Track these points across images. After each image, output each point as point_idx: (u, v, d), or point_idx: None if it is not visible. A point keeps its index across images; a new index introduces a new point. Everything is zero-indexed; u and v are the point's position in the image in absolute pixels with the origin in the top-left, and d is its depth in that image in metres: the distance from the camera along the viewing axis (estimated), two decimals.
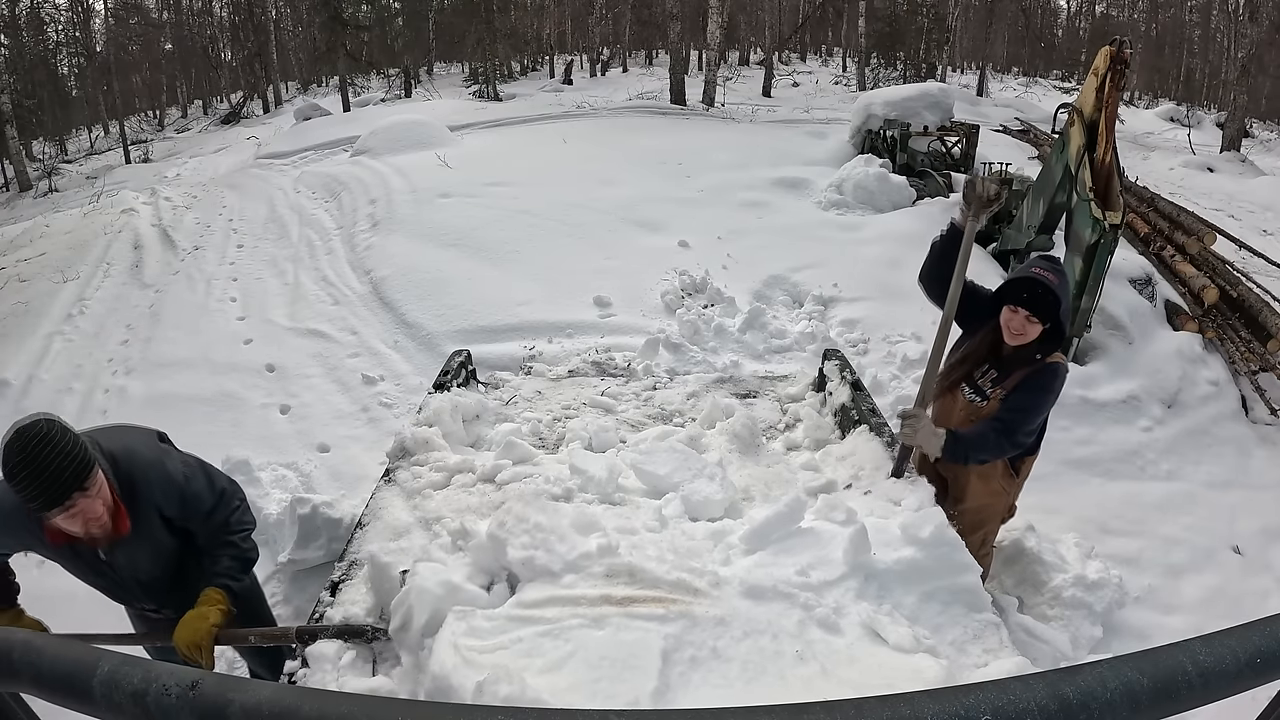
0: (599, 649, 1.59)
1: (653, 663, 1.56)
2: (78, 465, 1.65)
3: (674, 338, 4.65)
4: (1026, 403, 2.34)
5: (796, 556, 1.90)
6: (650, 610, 1.69)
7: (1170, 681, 0.67)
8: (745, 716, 0.67)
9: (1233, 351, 4.89)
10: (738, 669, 1.60)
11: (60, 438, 1.64)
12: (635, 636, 1.62)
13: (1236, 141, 13.11)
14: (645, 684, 1.52)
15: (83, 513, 1.69)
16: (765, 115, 13.44)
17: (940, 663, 1.63)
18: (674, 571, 1.79)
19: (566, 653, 1.60)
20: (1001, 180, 2.40)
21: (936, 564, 1.87)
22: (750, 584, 1.78)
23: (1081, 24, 33.65)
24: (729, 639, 1.65)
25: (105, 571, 1.94)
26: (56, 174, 15.40)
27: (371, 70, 22.08)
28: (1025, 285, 2.28)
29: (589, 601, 1.73)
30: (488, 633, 1.67)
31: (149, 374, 4.90)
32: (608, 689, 1.51)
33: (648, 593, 1.74)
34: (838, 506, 2.10)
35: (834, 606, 1.77)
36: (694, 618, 1.68)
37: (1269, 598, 3.39)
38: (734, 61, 26.01)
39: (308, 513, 3.16)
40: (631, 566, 1.79)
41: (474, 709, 0.70)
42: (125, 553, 1.90)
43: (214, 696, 0.68)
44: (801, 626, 1.71)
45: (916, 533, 1.91)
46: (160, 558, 1.98)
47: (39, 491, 1.61)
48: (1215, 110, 22.15)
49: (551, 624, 1.67)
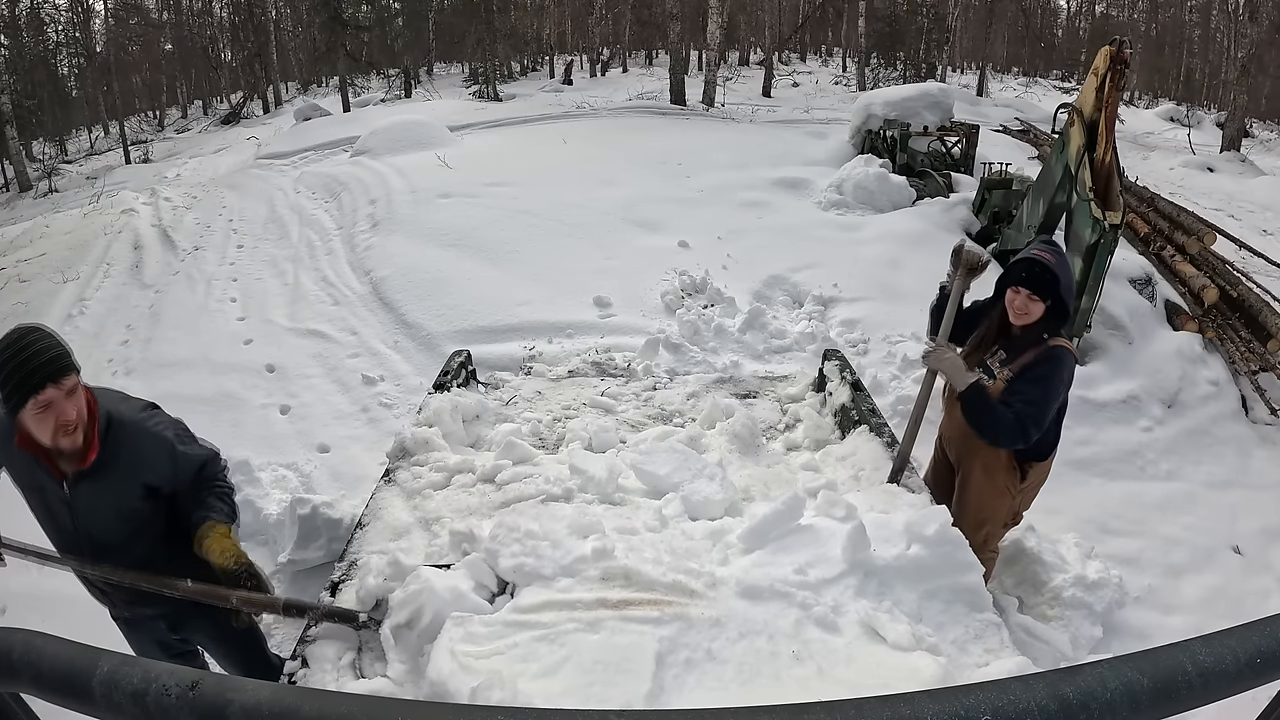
0: (593, 653, 1.60)
1: (646, 666, 1.57)
2: (56, 358, 1.70)
3: (674, 338, 4.65)
4: (1035, 394, 2.34)
5: (795, 554, 1.90)
6: (645, 613, 1.69)
7: (1170, 681, 0.67)
8: (746, 716, 0.67)
9: (1233, 351, 4.89)
10: (732, 670, 1.60)
11: (43, 336, 1.71)
12: (629, 639, 1.63)
13: (1236, 141, 13.11)
14: (638, 687, 1.53)
15: (54, 409, 1.70)
16: (765, 115, 13.44)
17: (938, 660, 1.62)
18: (670, 574, 1.79)
19: (561, 657, 1.61)
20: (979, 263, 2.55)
21: (939, 562, 1.87)
22: (747, 584, 1.78)
23: (1081, 24, 33.65)
24: (724, 640, 1.65)
25: (63, 513, 1.89)
26: (56, 174, 15.42)
27: (371, 70, 22.06)
28: (1024, 265, 2.35)
29: (585, 605, 1.73)
30: (484, 638, 1.68)
31: (149, 374, 4.90)
32: (601, 693, 1.52)
33: (643, 595, 1.74)
34: (837, 503, 2.09)
35: (832, 605, 1.76)
36: (689, 620, 1.68)
37: (1269, 598, 3.39)
38: (734, 61, 26.01)
39: (308, 513, 3.16)
40: (627, 569, 1.80)
41: (474, 709, 0.70)
42: (88, 494, 1.86)
43: (214, 696, 0.68)
44: (798, 626, 1.70)
45: (921, 530, 1.90)
46: (123, 515, 1.92)
47: (13, 373, 1.65)
48: (1215, 110, 22.15)
49: (547, 628, 1.67)
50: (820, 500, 2.13)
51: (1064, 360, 2.38)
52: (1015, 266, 2.38)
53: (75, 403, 1.74)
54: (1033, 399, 2.34)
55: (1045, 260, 2.32)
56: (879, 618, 1.73)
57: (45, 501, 1.91)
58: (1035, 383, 2.35)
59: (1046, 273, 2.32)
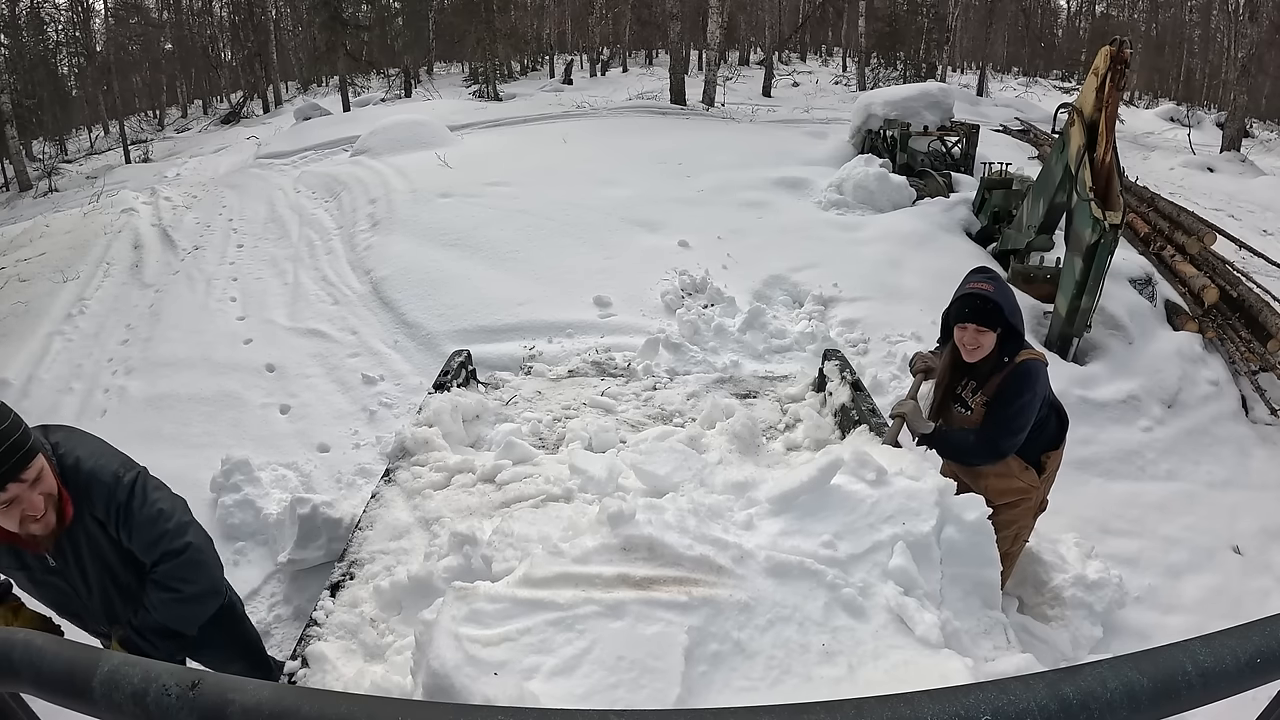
0: (616, 646, 1.47)
1: (675, 664, 1.45)
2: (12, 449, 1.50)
3: (674, 338, 4.64)
4: (1004, 413, 2.44)
5: (824, 522, 1.81)
6: (672, 596, 1.56)
7: (1170, 681, 0.67)
8: (746, 716, 0.67)
9: (1233, 351, 4.89)
10: (761, 667, 1.52)
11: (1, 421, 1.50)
12: (656, 630, 1.50)
13: (1236, 141, 13.11)
14: (668, 690, 1.42)
15: (20, 505, 1.54)
16: (765, 115, 13.44)
17: (966, 663, 1.56)
18: (696, 546, 1.66)
19: (581, 649, 1.47)
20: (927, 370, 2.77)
21: (969, 550, 1.84)
22: (776, 561, 1.68)
23: (1081, 24, 33.64)
24: (753, 629, 1.57)
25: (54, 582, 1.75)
26: (56, 174, 15.41)
27: (371, 70, 22.09)
28: (965, 302, 2.41)
29: (604, 582, 1.58)
30: (491, 619, 1.52)
31: (149, 374, 4.89)
32: (626, 697, 1.39)
33: (669, 572, 1.61)
34: (868, 463, 1.94)
35: (861, 586, 1.69)
36: (717, 604, 1.57)
37: (1269, 598, 3.39)
38: (734, 61, 26.02)
39: (308, 513, 3.16)
40: (651, 540, 1.66)
41: (474, 709, 0.70)
42: (73, 556, 1.72)
43: (214, 696, 0.68)
44: (828, 611, 1.64)
45: (960, 513, 1.84)
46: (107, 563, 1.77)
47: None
48: (1215, 110, 22.15)
49: (563, 610, 1.52)
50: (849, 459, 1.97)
51: (1032, 373, 2.44)
52: (957, 304, 2.45)
53: (42, 486, 1.58)
54: (1005, 417, 2.44)
55: (984, 292, 2.38)
56: (908, 606, 1.66)
57: (31, 579, 1.77)
58: (1010, 403, 2.44)
59: (988, 303, 2.37)
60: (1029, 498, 2.67)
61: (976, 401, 2.51)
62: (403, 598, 2.07)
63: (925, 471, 1.99)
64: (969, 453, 2.53)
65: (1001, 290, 2.42)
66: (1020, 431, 2.46)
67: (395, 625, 2.04)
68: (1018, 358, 2.44)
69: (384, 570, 2.24)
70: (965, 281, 2.49)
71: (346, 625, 2.04)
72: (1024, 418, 2.44)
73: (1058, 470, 2.73)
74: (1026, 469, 2.61)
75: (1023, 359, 2.44)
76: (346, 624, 2.05)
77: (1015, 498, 2.64)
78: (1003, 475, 2.59)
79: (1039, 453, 2.62)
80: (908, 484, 1.92)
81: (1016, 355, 2.44)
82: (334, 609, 2.10)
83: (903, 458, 2.12)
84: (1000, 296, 2.38)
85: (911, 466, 2.02)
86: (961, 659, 1.59)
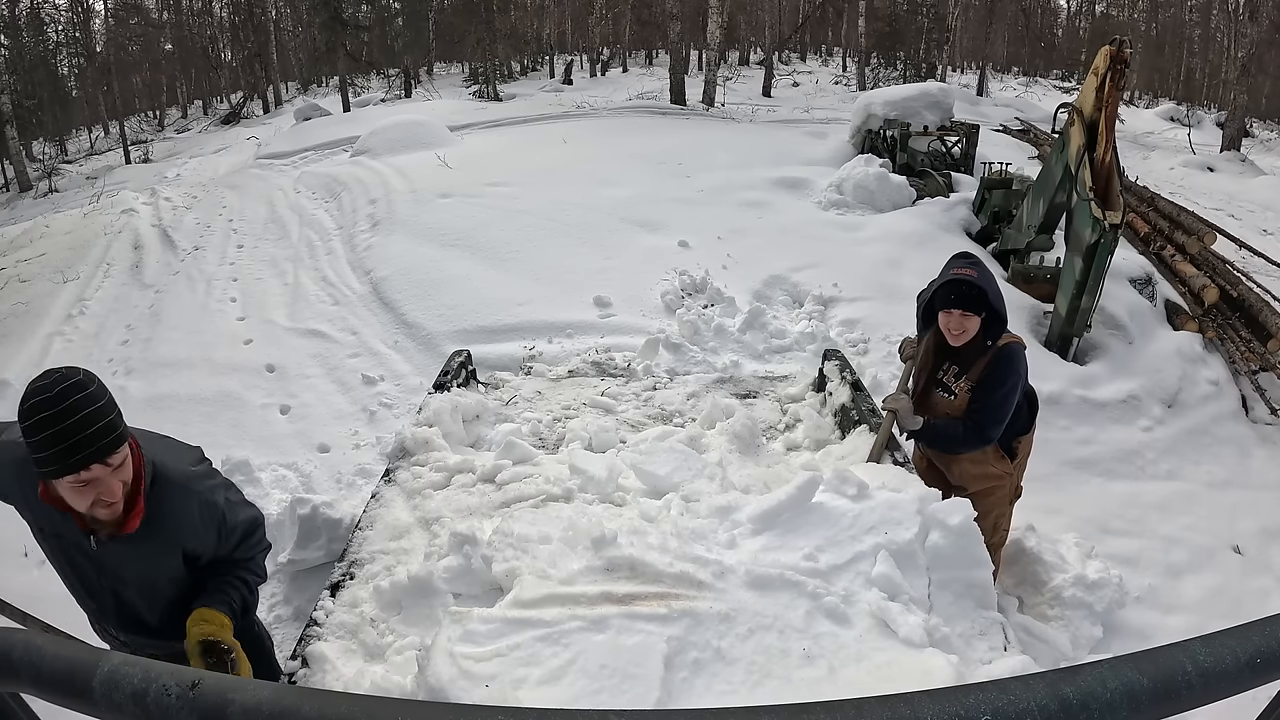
0: (599, 656, 1.56)
1: (655, 670, 1.53)
2: (105, 430, 1.41)
3: (674, 338, 4.64)
4: (990, 399, 2.46)
5: (806, 538, 1.85)
6: (652, 609, 1.64)
7: (1170, 681, 0.67)
8: (746, 716, 0.67)
9: (1233, 351, 4.89)
10: (742, 672, 1.57)
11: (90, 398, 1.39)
12: (637, 640, 1.58)
13: (1236, 141, 13.11)
14: (647, 694, 1.49)
15: (97, 488, 1.46)
16: (765, 115, 13.44)
17: (950, 660, 1.60)
18: (676, 563, 1.73)
19: (566, 660, 1.56)
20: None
21: (956, 554, 1.85)
22: (757, 574, 1.73)
23: (1081, 24, 33.64)
24: (733, 637, 1.62)
25: (85, 566, 1.68)
26: (56, 174, 15.42)
27: (371, 70, 22.09)
28: (950, 288, 2.43)
29: (589, 600, 1.68)
30: (484, 637, 1.62)
31: (149, 374, 4.89)
32: (608, 701, 1.48)
33: (649, 589, 1.69)
34: (848, 479, 2.01)
35: (843, 594, 1.72)
36: (697, 615, 1.64)
37: (1269, 598, 3.38)
38: (734, 61, 26.02)
39: (308, 513, 3.16)
40: (632, 560, 1.74)
41: (474, 709, 0.70)
42: (119, 555, 1.64)
43: (214, 696, 0.68)
44: (809, 619, 1.67)
45: (944, 518, 1.87)
46: (152, 576, 1.72)
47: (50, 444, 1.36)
48: (1215, 110, 22.15)
49: (549, 627, 1.62)
50: (830, 475, 2.03)
51: (1015, 356, 2.47)
52: (942, 290, 2.45)
53: (123, 475, 1.49)
54: (994, 402, 2.46)
55: (969, 277, 2.39)
56: (890, 610, 1.69)
57: (63, 549, 1.69)
58: (994, 388, 2.46)
59: (973, 289, 2.39)
60: (1003, 484, 2.70)
61: (960, 386, 2.52)
62: (403, 598, 2.07)
63: (908, 483, 2.04)
64: (959, 442, 2.54)
65: (985, 275, 2.44)
66: (1008, 416, 2.49)
67: (395, 625, 2.04)
68: (1002, 341, 2.47)
69: (384, 570, 2.24)
70: (948, 267, 2.51)
71: (346, 625, 2.05)
72: (1012, 401, 2.48)
73: (1029, 455, 2.76)
74: (1001, 456, 2.65)
75: (1005, 342, 2.47)
76: (346, 624, 2.05)
77: (990, 484, 2.66)
78: (977, 461, 2.63)
79: (1011, 438, 2.65)
80: (889, 495, 1.97)
81: (999, 339, 2.47)
82: (334, 609, 2.10)
83: (885, 472, 2.18)
84: (984, 281, 2.41)
85: (894, 480, 2.08)
86: (945, 656, 1.61)
